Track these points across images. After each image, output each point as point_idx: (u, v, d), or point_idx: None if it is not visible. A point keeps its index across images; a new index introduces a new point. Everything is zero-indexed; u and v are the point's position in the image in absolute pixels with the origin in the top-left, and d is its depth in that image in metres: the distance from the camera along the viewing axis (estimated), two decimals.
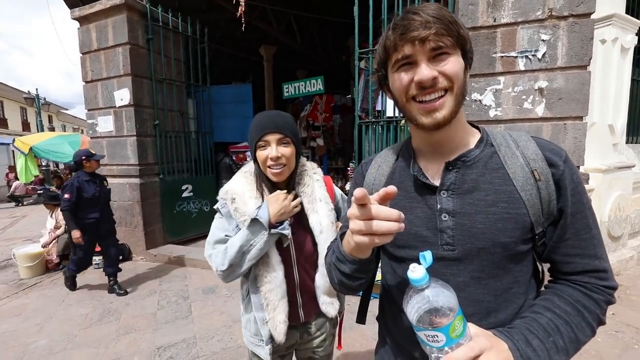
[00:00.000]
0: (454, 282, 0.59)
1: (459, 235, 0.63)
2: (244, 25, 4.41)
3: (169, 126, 4.82)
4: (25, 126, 22.40)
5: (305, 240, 1.11)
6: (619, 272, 3.45)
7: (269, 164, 1.03)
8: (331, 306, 1.15)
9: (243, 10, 4.07)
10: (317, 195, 1.13)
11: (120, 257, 4.12)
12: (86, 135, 6.13)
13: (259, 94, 7.79)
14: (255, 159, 1.08)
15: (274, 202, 1.02)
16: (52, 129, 16.78)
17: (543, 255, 0.66)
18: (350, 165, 5.53)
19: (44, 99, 14.57)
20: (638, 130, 4.63)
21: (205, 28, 5.30)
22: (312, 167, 1.20)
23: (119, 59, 4.33)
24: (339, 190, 1.28)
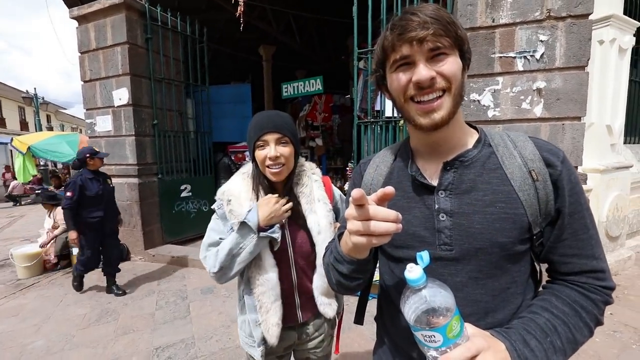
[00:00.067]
0: (451, 282, 0.59)
1: (457, 235, 0.63)
2: (243, 25, 4.40)
3: (167, 126, 4.82)
4: (24, 125, 22.34)
5: (303, 241, 1.10)
6: (617, 272, 3.46)
7: (268, 163, 1.03)
8: (329, 307, 1.14)
9: (242, 10, 4.07)
10: (316, 196, 1.12)
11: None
12: (84, 134, 6.11)
13: (258, 94, 7.78)
14: (253, 158, 1.07)
15: (264, 206, 1.02)
16: (51, 129, 16.77)
17: (541, 256, 0.66)
18: (349, 165, 5.53)
19: (42, 98, 14.52)
20: (636, 130, 4.64)
21: (204, 28, 5.30)
22: (311, 168, 1.19)
23: (117, 59, 4.32)
24: (338, 190, 1.27)
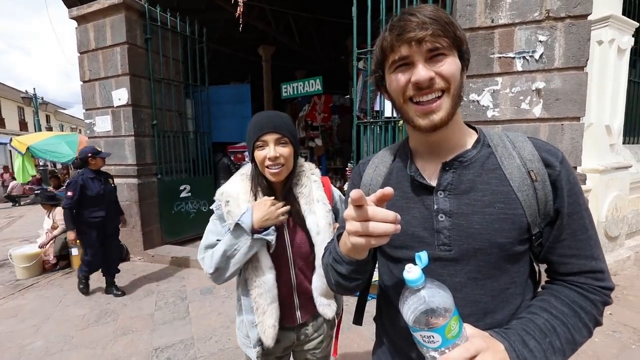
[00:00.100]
0: (450, 283, 0.59)
1: (456, 235, 0.63)
2: (243, 25, 4.40)
3: (167, 126, 4.81)
4: (23, 126, 22.31)
5: (302, 241, 1.10)
6: (616, 273, 3.46)
7: (267, 164, 1.03)
8: (328, 308, 1.14)
9: (242, 10, 4.06)
10: (315, 196, 1.12)
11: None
12: (84, 135, 6.10)
13: (257, 94, 7.78)
14: (253, 159, 1.07)
15: (260, 208, 1.01)
16: (50, 129, 16.75)
17: (540, 256, 0.66)
18: (348, 166, 5.53)
19: (42, 98, 14.50)
20: (635, 130, 4.65)
21: (203, 28, 5.30)
22: (310, 168, 1.19)
23: (117, 59, 4.31)
24: (338, 191, 1.27)
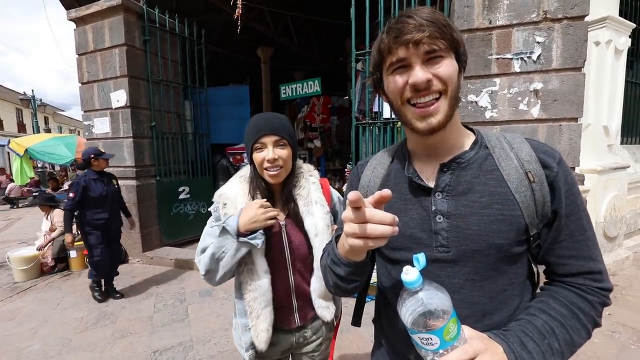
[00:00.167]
0: (448, 284, 0.59)
1: (454, 237, 0.63)
2: (241, 27, 4.40)
3: (165, 128, 4.81)
4: (21, 127, 22.29)
5: (301, 243, 1.10)
6: (615, 273, 3.47)
7: (266, 166, 1.03)
8: (327, 310, 1.14)
9: (240, 12, 4.07)
10: (313, 198, 1.12)
11: None
12: (82, 136, 6.10)
13: (256, 96, 7.78)
14: (251, 161, 1.07)
15: (247, 211, 0.99)
16: (48, 131, 16.71)
17: (538, 257, 0.66)
18: (347, 167, 5.54)
19: (40, 100, 14.50)
20: (632, 131, 4.67)
21: (202, 29, 5.30)
22: (309, 170, 1.19)
23: (115, 61, 4.31)
24: (336, 192, 1.26)
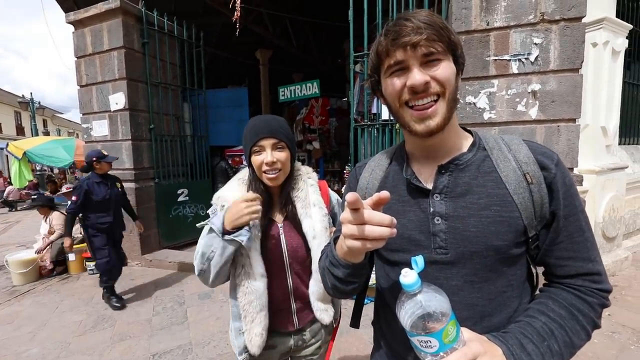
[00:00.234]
0: (447, 286, 0.59)
1: (452, 238, 0.63)
2: (240, 29, 4.41)
3: (164, 130, 4.80)
4: (20, 130, 22.25)
5: (299, 246, 1.09)
6: (614, 273, 3.47)
7: (264, 169, 1.02)
8: (325, 313, 1.13)
9: (239, 15, 4.07)
10: (311, 200, 1.11)
11: None
12: (81, 139, 6.09)
13: (255, 98, 7.79)
14: (250, 163, 1.06)
15: (231, 208, 0.97)
16: (47, 133, 16.65)
17: (537, 259, 0.66)
18: (346, 169, 5.54)
19: (39, 102, 14.47)
20: (630, 131, 4.68)
21: (200, 32, 5.31)
22: (307, 172, 1.19)
23: (114, 63, 4.31)
24: (335, 194, 1.26)
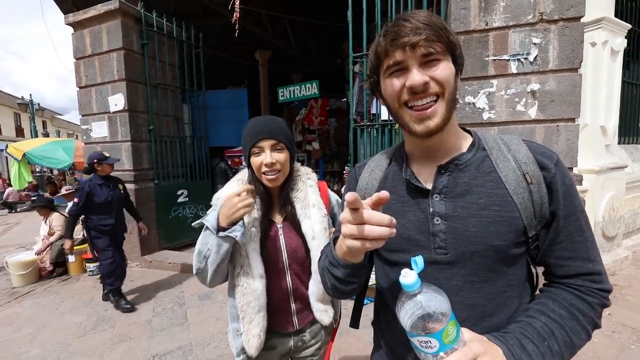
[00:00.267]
0: (447, 286, 0.59)
1: (452, 238, 0.63)
2: (239, 31, 4.41)
3: (163, 131, 4.80)
4: (19, 132, 22.25)
5: (298, 246, 1.09)
6: (614, 272, 3.47)
7: (264, 170, 1.02)
8: (325, 314, 1.13)
9: (238, 16, 4.07)
10: (310, 201, 1.11)
11: None
12: (81, 140, 6.09)
13: (254, 99, 7.79)
14: (249, 164, 1.06)
15: (225, 204, 0.97)
16: (47, 135, 16.68)
17: (537, 259, 0.66)
18: (346, 169, 5.55)
19: (38, 104, 14.49)
20: (630, 131, 4.69)
21: (200, 33, 5.31)
22: (306, 173, 1.18)
23: (113, 64, 4.31)
24: (335, 195, 1.26)
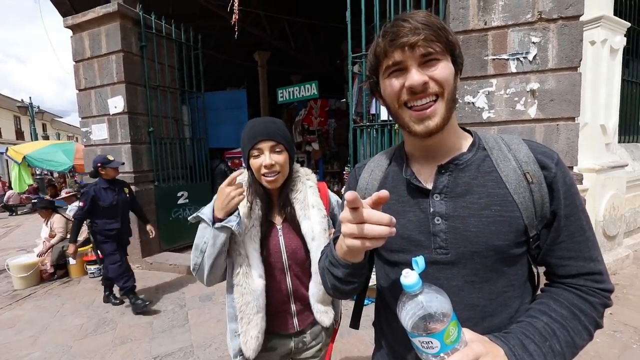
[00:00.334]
0: (448, 287, 0.59)
1: (452, 238, 0.62)
2: (238, 32, 4.41)
3: (163, 133, 4.80)
4: (19, 135, 22.24)
5: (298, 247, 1.09)
6: (616, 272, 3.46)
7: (263, 172, 1.02)
8: (325, 315, 1.12)
9: (237, 17, 4.07)
10: (310, 202, 1.11)
11: None
12: (80, 143, 6.09)
13: (253, 100, 7.79)
14: (249, 166, 1.06)
15: (219, 195, 0.98)
16: (46, 137, 16.68)
17: (538, 259, 0.66)
18: (346, 169, 5.55)
19: (38, 107, 14.51)
20: (630, 129, 4.68)
21: (199, 34, 5.31)
22: (306, 174, 1.18)
23: (112, 67, 4.31)
24: (335, 196, 1.25)
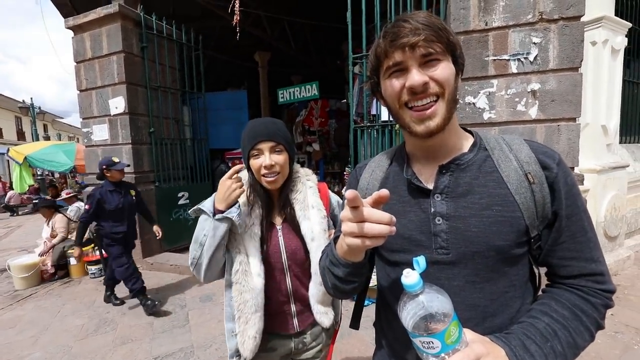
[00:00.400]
0: (448, 287, 0.59)
1: (453, 238, 0.62)
2: (239, 33, 4.41)
3: (164, 134, 4.81)
4: (20, 135, 22.31)
5: (298, 248, 1.09)
6: (617, 272, 3.45)
7: (263, 172, 1.02)
8: (325, 316, 1.12)
9: (238, 19, 4.07)
10: (310, 202, 1.11)
11: None
12: (82, 143, 6.10)
13: (254, 100, 7.80)
14: (249, 167, 1.06)
15: (220, 188, 0.98)
16: (48, 138, 16.71)
17: (539, 259, 0.66)
18: (346, 170, 5.54)
19: (39, 107, 14.51)
20: (631, 130, 4.67)
21: (199, 35, 5.32)
22: (306, 174, 1.18)
23: (113, 68, 4.33)
24: (336, 196, 1.25)
